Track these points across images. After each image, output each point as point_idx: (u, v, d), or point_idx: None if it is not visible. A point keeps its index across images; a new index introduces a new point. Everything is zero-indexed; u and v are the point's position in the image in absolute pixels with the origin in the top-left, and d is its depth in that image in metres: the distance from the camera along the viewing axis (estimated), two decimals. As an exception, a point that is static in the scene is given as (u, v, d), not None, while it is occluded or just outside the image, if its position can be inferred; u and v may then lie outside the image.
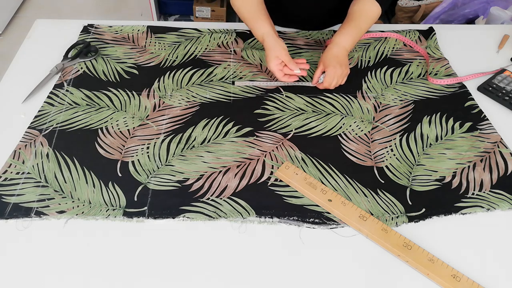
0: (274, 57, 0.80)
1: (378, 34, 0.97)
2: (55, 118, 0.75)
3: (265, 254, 0.58)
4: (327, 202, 0.63)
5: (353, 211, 0.62)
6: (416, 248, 0.58)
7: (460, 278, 0.55)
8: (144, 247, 0.58)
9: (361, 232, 0.60)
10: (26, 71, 0.85)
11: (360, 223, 0.60)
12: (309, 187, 0.65)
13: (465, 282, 0.55)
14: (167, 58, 0.90)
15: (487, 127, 0.77)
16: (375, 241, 0.59)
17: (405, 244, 0.58)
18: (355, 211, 0.62)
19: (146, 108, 0.78)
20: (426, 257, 0.57)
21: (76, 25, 0.97)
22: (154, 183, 0.66)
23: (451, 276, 0.55)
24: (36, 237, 0.58)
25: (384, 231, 0.60)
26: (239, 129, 0.75)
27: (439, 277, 0.55)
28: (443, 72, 0.89)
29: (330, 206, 0.62)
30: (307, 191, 0.64)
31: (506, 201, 0.65)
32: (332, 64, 0.80)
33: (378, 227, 0.60)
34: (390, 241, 0.59)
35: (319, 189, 0.64)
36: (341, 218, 0.62)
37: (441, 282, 0.55)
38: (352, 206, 0.63)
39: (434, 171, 0.69)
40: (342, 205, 0.63)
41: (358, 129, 0.76)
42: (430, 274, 0.55)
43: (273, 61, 0.80)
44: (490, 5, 1.44)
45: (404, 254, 0.57)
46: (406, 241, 0.59)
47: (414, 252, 0.57)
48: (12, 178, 0.65)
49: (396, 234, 0.60)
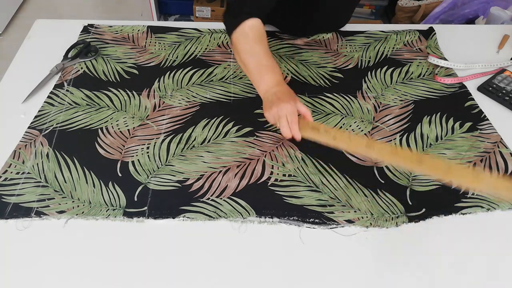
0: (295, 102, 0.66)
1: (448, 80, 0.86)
2: (55, 118, 0.75)
3: (265, 254, 0.58)
4: (333, 140, 0.63)
5: (360, 140, 0.64)
6: (427, 159, 0.59)
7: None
8: (144, 247, 0.58)
9: (371, 157, 0.65)
10: (26, 71, 0.85)
11: (367, 151, 0.62)
12: (312, 132, 0.65)
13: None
14: (167, 58, 0.90)
15: (487, 127, 0.77)
16: (387, 162, 0.64)
17: (418, 158, 0.59)
18: (361, 140, 0.64)
19: (146, 108, 0.78)
20: (442, 163, 0.58)
21: (76, 25, 0.97)
22: (154, 183, 0.66)
23: (473, 176, 0.57)
24: (36, 237, 0.58)
25: (394, 153, 0.61)
26: (239, 129, 0.75)
27: (460, 178, 0.57)
28: (443, 72, 0.89)
29: (335, 143, 0.63)
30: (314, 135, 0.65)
31: (506, 201, 0.65)
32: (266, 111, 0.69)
33: (387, 150, 0.61)
34: (402, 158, 0.60)
35: (323, 131, 0.65)
36: (349, 151, 0.66)
37: (462, 181, 0.57)
38: (357, 138, 0.65)
39: (434, 171, 0.69)
40: (347, 139, 0.64)
41: (358, 129, 0.76)
42: (451, 178, 0.57)
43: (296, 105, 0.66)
44: (490, 5, 1.44)
45: (420, 166, 0.58)
46: (418, 155, 0.60)
47: (428, 163, 0.59)
48: (12, 178, 0.65)
49: (407, 151, 0.62)
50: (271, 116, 0.67)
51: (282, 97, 0.66)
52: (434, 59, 0.90)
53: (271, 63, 0.70)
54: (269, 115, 0.67)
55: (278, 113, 0.65)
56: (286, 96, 0.67)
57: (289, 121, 0.65)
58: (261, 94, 0.70)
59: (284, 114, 0.65)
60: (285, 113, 0.65)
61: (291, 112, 0.65)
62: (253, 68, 0.70)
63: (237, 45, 0.71)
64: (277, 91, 0.67)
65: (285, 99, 0.66)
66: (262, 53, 0.70)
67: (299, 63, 0.90)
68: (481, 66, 0.91)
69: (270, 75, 0.69)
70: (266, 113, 0.68)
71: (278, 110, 0.65)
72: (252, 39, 0.69)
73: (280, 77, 0.70)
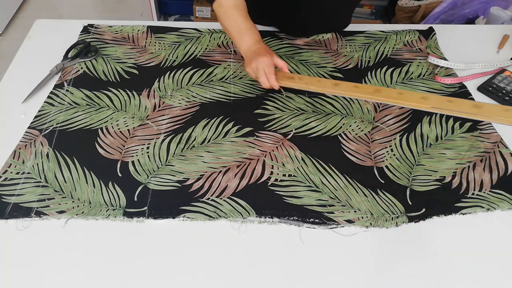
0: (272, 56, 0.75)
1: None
2: (55, 118, 0.75)
3: (265, 254, 0.58)
4: (306, 85, 0.73)
5: (328, 81, 0.74)
6: (384, 89, 0.69)
7: (427, 98, 0.65)
8: (144, 247, 0.58)
9: (335, 93, 0.73)
10: (26, 71, 0.85)
11: (334, 88, 0.72)
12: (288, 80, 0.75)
13: (434, 98, 0.65)
14: (167, 58, 0.90)
15: (487, 127, 0.77)
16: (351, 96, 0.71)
17: (375, 89, 0.69)
18: (329, 81, 0.74)
19: (146, 108, 0.78)
20: (396, 92, 0.68)
21: (76, 25, 0.97)
22: (154, 183, 0.66)
23: (421, 98, 0.66)
24: (36, 237, 0.58)
25: (356, 88, 0.70)
26: (239, 129, 0.75)
27: (408, 101, 0.65)
28: (443, 72, 0.89)
29: (308, 87, 0.73)
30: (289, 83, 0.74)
31: (506, 201, 0.65)
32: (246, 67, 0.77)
33: (350, 86, 0.71)
34: (362, 90, 0.69)
35: (297, 79, 0.75)
36: (320, 91, 0.73)
37: (410, 104, 0.65)
38: (325, 80, 0.75)
39: (434, 171, 0.69)
40: (316, 82, 0.74)
41: (358, 129, 0.76)
42: (402, 103, 0.66)
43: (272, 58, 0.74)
44: (490, 5, 1.44)
45: (377, 96, 0.68)
46: (376, 87, 0.70)
47: (384, 92, 0.68)
48: (12, 178, 0.65)
49: (367, 85, 0.72)
50: (251, 70, 0.75)
51: (260, 52, 0.75)
52: (434, 59, 0.90)
53: (249, 25, 0.79)
54: (249, 69, 0.76)
55: (256, 66, 0.74)
56: (264, 51, 0.75)
57: (267, 72, 0.73)
58: (243, 53, 0.79)
59: (261, 66, 0.73)
60: (262, 66, 0.73)
61: (268, 64, 0.73)
62: (233, 31, 0.79)
63: (217, 13, 0.81)
64: (256, 48, 0.76)
65: (263, 53, 0.75)
66: (240, 18, 0.79)
67: (299, 63, 0.90)
68: (481, 66, 0.91)
69: (249, 35, 0.78)
70: (246, 68, 0.77)
71: (256, 63, 0.74)
72: (230, 6, 0.79)
73: (258, 37, 0.79)
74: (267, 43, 0.95)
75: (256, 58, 0.74)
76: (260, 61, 0.73)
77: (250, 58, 0.76)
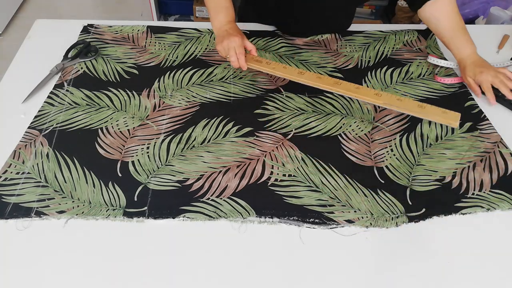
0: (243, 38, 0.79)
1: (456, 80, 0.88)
2: (55, 118, 0.75)
3: (265, 254, 0.58)
4: (272, 70, 0.78)
5: (293, 69, 0.78)
6: (343, 82, 0.75)
7: (381, 95, 0.72)
8: (144, 247, 0.58)
9: (298, 81, 0.76)
10: (26, 71, 0.85)
11: (298, 76, 0.77)
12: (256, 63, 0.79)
13: (386, 96, 0.72)
14: (167, 58, 0.90)
15: (487, 127, 0.77)
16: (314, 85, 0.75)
17: (335, 81, 0.75)
18: (294, 69, 0.78)
19: (146, 108, 0.78)
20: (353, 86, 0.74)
21: (76, 25, 0.97)
22: (154, 183, 0.66)
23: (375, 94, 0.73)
24: (36, 237, 0.58)
25: (319, 78, 0.76)
26: (239, 129, 0.75)
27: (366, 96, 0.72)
28: (443, 72, 0.89)
29: (274, 71, 0.78)
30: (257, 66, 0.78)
31: (506, 201, 0.65)
32: (479, 72, 0.82)
33: (314, 76, 0.76)
34: (324, 82, 0.75)
35: (265, 63, 0.79)
36: (285, 77, 0.78)
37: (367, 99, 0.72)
38: (291, 68, 0.79)
39: (434, 171, 0.69)
40: (283, 68, 0.78)
41: (358, 129, 0.76)
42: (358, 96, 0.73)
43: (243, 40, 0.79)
44: (490, 5, 1.44)
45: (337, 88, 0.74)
46: (336, 80, 0.75)
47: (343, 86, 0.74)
48: (12, 178, 0.65)
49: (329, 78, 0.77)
50: (222, 48, 0.79)
51: (233, 32, 0.79)
52: (434, 59, 0.90)
53: (227, 4, 0.82)
54: (220, 48, 0.79)
55: (228, 45, 0.77)
56: (235, 31, 0.80)
57: (237, 52, 0.77)
58: (215, 30, 0.83)
59: (232, 46, 0.77)
60: (233, 46, 0.77)
61: (239, 45, 0.77)
62: (211, 7, 0.83)
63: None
64: (229, 28, 0.80)
65: (234, 33, 0.78)
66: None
67: (299, 63, 0.90)
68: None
69: (224, 14, 0.82)
70: (218, 46, 0.79)
71: (228, 42, 0.77)
72: None
73: (232, 17, 0.83)
74: (267, 43, 0.95)
75: (228, 37, 0.78)
76: (232, 41, 0.77)
77: (222, 37, 0.79)
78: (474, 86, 0.83)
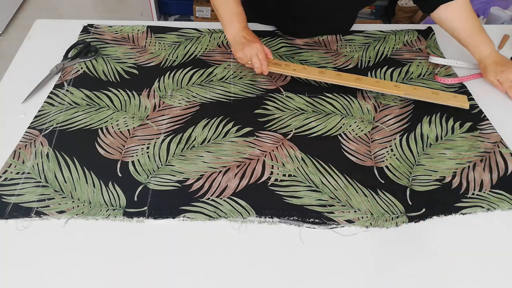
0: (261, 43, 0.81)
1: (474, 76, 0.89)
2: (55, 118, 0.75)
3: (265, 254, 0.58)
4: (293, 71, 0.81)
5: (313, 69, 0.83)
6: (364, 78, 0.81)
7: (400, 86, 0.80)
8: (144, 247, 0.58)
9: (321, 79, 0.81)
10: (26, 71, 0.85)
11: (320, 75, 0.81)
12: (275, 66, 0.82)
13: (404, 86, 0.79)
14: (167, 58, 0.90)
15: (487, 127, 0.77)
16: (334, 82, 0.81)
17: (356, 77, 0.81)
18: (315, 69, 0.83)
19: (146, 108, 0.78)
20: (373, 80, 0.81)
21: (76, 25, 0.97)
22: (154, 183, 0.66)
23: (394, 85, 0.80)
24: (36, 237, 0.58)
25: (339, 75, 0.81)
26: (239, 129, 0.75)
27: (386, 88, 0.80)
28: (443, 72, 0.89)
29: (295, 73, 0.81)
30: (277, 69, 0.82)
31: (506, 201, 0.65)
32: (500, 72, 0.82)
33: (334, 74, 0.82)
34: (345, 79, 0.80)
35: (284, 65, 0.83)
36: (306, 77, 0.82)
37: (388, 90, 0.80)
38: (311, 68, 0.83)
39: (434, 171, 0.69)
40: (303, 69, 0.83)
41: (358, 129, 0.76)
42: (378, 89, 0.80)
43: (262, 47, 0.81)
44: (490, 5, 1.44)
45: (359, 83, 0.80)
46: (357, 76, 0.81)
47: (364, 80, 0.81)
48: (12, 178, 0.65)
49: (349, 75, 0.82)
50: (244, 55, 0.80)
51: (252, 39, 0.81)
52: (435, 59, 0.90)
53: (239, 10, 0.83)
54: (241, 55, 0.81)
55: (250, 52, 0.79)
56: (253, 37, 0.82)
57: (261, 58, 0.80)
58: (230, 37, 0.83)
59: (255, 53, 0.79)
60: (255, 52, 0.79)
61: (261, 51, 0.80)
62: (223, 15, 0.83)
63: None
64: (246, 34, 0.81)
65: (255, 40, 0.81)
66: (231, 1, 0.82)
67: (299, 63, 0.90)
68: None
69: (238, 20, 0.82)
70: (238, 53, 0.81)
71: (250, 49, 0.79)
72: None
73: (245, 23, 0.83)
74: (267, 43, 0.95)
75: (249, 44, 0.80)
76: (254, 47, 0.79)
77: (241, 43, 0.80)
78: (498, 85, 0.84)
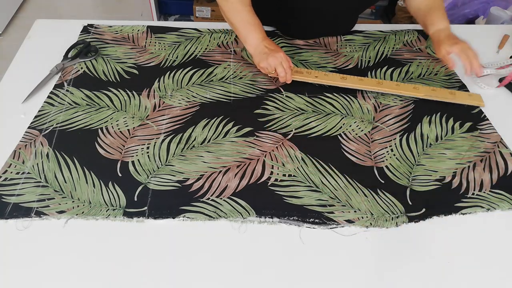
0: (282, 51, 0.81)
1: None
2: (55, 118, 0.75)
3: (265, 254, 0.58)
4: (315, 78, 0.82)
5: (335, 75, 0.83)
6: (385, 82, 0.83)
7: (419, 88, 0.81)
8: (144, 247, 0.58)
9: (343, 85, 0.82)
10: (26, 71, 0.85)
11: (342, 81, 0.82)
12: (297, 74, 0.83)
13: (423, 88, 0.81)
14: (167, 58, 0.90)
15: (487, 127, 0.77)
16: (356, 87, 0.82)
17: (377, 82, 0.83)
18: (337, 75, 0.83)
19: (146, 108, 0.78)
20: (394, 84, 0.82)
21: (76, 25, 0.97)
22: (154, 183, 0.66)
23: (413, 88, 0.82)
24: (36, 237, 0.58)
25: (361, 81, 0.82)
26: (239, 129, 0.75)
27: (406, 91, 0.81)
28: (443, 72, 0.89)
29: (318, 80, 0.82)
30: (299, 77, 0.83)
31: (506, 201, 0.65)
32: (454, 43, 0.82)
33: (356, 79, 0.83)
34: (366, 83, 0.82)
35: (305, 73, 0.84)
36: (328, 83, 0.83)
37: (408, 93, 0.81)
38: (333, 74, 0.84)
39: (434, 171, 0.69)
40: (325, 76, 0.83)
41: (358, 129, 0.76)
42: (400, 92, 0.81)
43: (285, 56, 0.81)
44: (490, 5, 1.44)
45: (380, 87, 0.81)
46: (378, 80, 0.83)
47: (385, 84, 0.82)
48: (12, 178, 0.65)
49: (370, 79, 0.84)
50: (268, 65, 0.80)
51: (274, 48, 0.81)
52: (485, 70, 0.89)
53: (256, 21, 0.82)
54: (265, 65, 0.80)
55: (275, 62, 0.79)
56: (275, 46, 0.82)
57: (285, 67, 0.80)
58: (251, 48, 0.83)
59: (279, 62, 0.79)
60: (279, 62, 0.79)
61: (286, 60, 0.80)
62: (241, 26, 0.82)
63: (222, 7, 0.83)
64: (267, 44, 0.81)
65: (277, 49, 0.81)
66: (247, 13, 0.82)
67: (299, 63, 0.90)
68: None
69: (257, 31, 0.82)
70: (263, 63, 0.80)
71: (274, 59, 0.79)
72: (236, 0, 0.81)
73: (264, 32, 0.83)
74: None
75: (273, 54, 0.79)
76: (278, 57, 0.79)
77: (265, 53, 0.80)
78: (448, 59, 0.83)
